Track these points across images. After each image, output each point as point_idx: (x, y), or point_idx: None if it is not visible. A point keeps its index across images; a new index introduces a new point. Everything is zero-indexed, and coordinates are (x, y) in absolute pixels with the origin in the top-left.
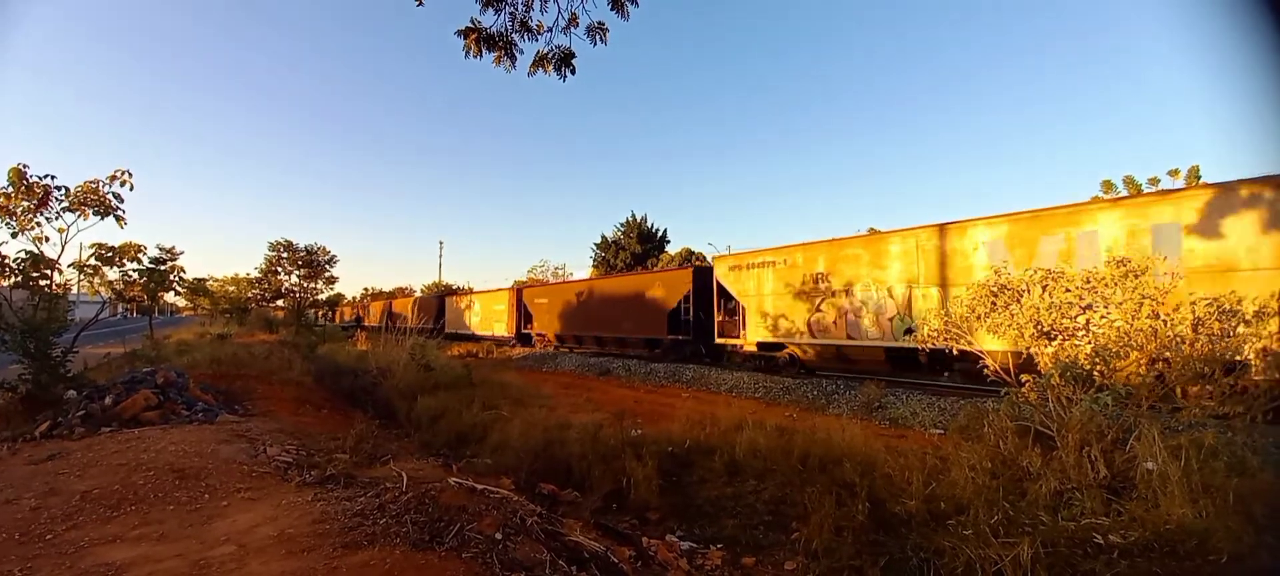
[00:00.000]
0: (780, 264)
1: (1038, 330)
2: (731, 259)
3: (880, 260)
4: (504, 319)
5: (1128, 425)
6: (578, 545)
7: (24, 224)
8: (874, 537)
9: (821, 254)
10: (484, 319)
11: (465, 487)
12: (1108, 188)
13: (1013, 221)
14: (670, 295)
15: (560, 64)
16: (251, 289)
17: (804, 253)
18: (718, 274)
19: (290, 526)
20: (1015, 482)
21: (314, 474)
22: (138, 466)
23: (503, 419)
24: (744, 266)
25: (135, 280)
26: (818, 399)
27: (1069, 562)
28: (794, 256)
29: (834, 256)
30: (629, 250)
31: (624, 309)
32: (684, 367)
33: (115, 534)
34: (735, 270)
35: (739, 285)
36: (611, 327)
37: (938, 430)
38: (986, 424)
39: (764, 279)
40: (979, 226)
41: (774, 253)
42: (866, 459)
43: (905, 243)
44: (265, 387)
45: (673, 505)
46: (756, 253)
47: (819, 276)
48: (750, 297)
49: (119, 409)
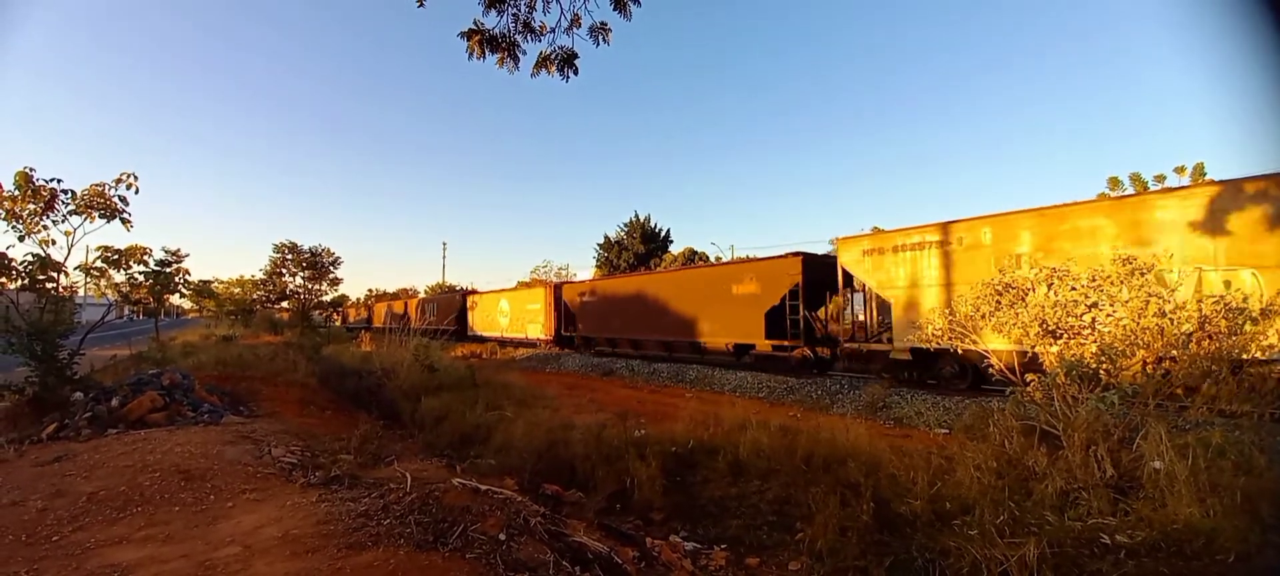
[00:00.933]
0: (957, 243)
1: (1043, 328)
2: (867, 240)
3: (1139, 232)
4: (539, 320)
5: (1134, 424)
6: (581, 546)
7: (31, 227)
8: (879, 538)
9: (1026, 227)
10: (514, 320)
11: (469, 488)
12: (1114, 184)
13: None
14: (768, 291)
15: (563, 65)
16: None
17: (995, 227)
18: (846, 261)
19: (295, 527)
20: (1021, 482)
21: (319, 475)
22: (144, 468)
23: (506, 420)
24: (888, 250)
25: (141, 282)
26: (821, 399)
27: (1075, 563)
28: (976, 233)
29: (1048, 231)
30: (632, 250)
31: (700, 309)
32: (687, 368)
33: (121, 535)
34: (873, 255)
35: (881, 275)
36: (683, 331)
37: (943, 429)
38: (992, 423)
39: (924, 265)
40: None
41: (939, 229)
42: (871, 459)
43: (1188, 206)
44: (270, 389)
45: (677, 505)
46: (909, 230)
47: (1020, 260)
48: (897, 290)
49: (125, 410)
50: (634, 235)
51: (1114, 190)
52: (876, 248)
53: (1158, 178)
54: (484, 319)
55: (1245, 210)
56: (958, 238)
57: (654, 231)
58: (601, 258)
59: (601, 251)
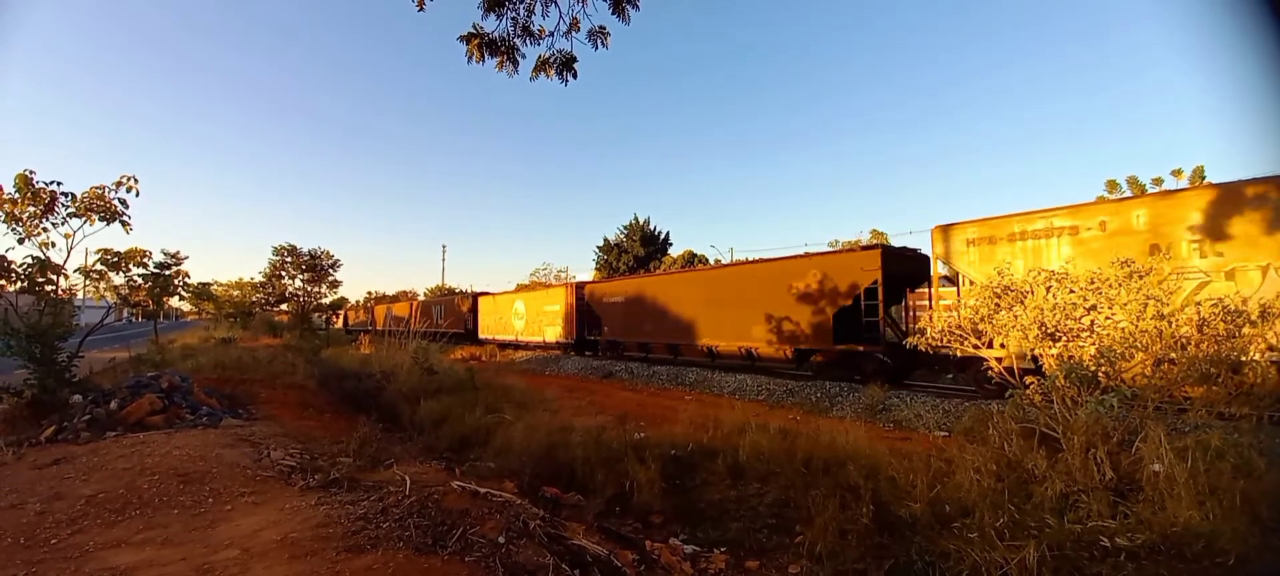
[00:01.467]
0: (1088, 230)
1: (1042, 331)
2: (973, 227)
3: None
4: (558, 322)
5: (1133, 426)
6: (581, 548)
7: (30, 230)
8: (878, 541)
9: (1190, 210)
10: (530, 323)
11: (468, 491)
12: (1112, 187)
13: None
14: (836, 288)
15: (562, 68)
16: (256, 293)
17: (1149, 210)
18: (943, 252)
19: (294, 530)
20: (1021, 485)
21: (317, 478)
22: (142, 471)
23: (506, 422)
24: (1003, 238)
25: (140, 285)
26: (821, 401)
27: (1075, 565)
28: (1125, 216)
29: (1216, 214)
30: (631, 253)
31: (750, 311)
32: (686, 370)
33: (120, 538)
34: (981, 244)
35: (989, 267)
36: (729, 335)
37: (942, 432)
38: (991, 426)
39: (1051, 256)
40: None
41: (1071, 212)
42: (870, 461)
43: None
44: (269, 392)
45: (676, 508)
46: (1031, 214)
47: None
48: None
49: (124, 413)
50: (633, 237)
51: (1112, 193)
52: (986, 236)
53: (1156, 181)
54: (497, 321)
55: None
56: (1099, 221)
57: (653, 234)
58: (600, 260)
59: (600, 254)
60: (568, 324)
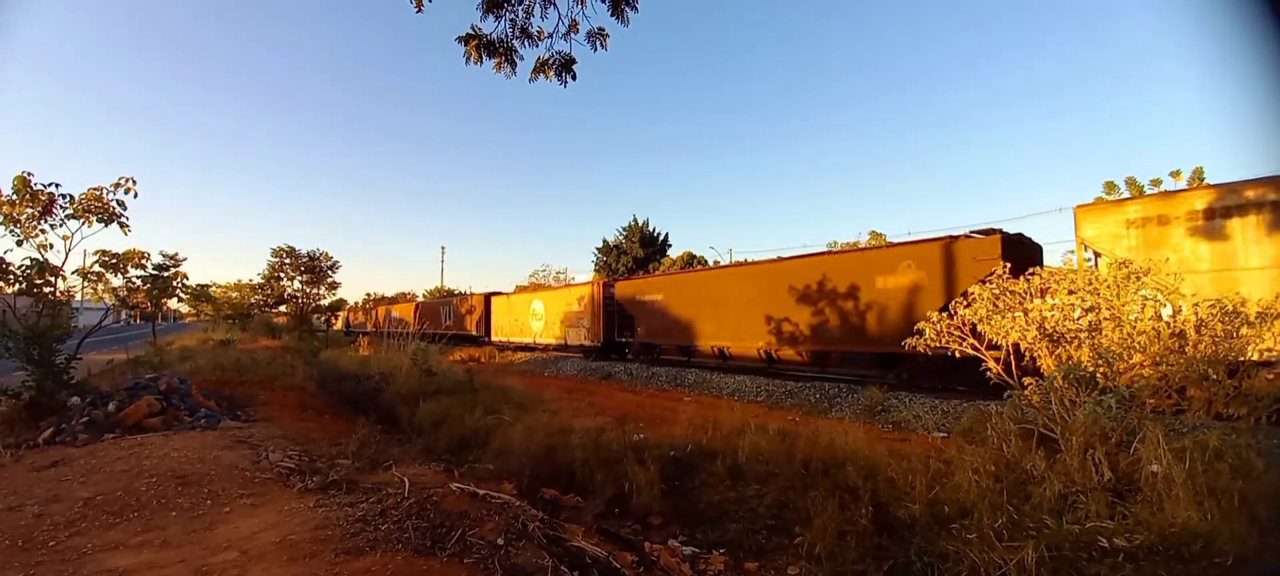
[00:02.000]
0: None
1: (1041, 332)
2: (1134, 206)
3: None
4: (584, 323)
5: (1132, 427)
6: (580, 550)
7: (29, 231)
8: (877, 541)
9: None
10: (549, 324)
11: (467, 493)
12: (1110, 189)
13: None
14: (938, 281)
15: (561, 70)
16: (254, 295)
17: None
18: (1093, 236)
19: (292, 532)
20: (1019, 486)
21: (316, 480)
22: (140, 473)
23: (505, 424)
24: (1175, 219)
25: (139, 287)
26: (820, 403)
27: (1074, 566)
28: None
29: None
30: (631, 254)
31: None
32: (685, 372)
33: (118, 540)
34: (1146, 226)
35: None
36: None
37: (941, 433)
38: (990, 427)
39: (1244, 241)
40: None
41: (1277, 186)
42: (869, 462)
43: None
44: (268, 393)
45: (675, 509)
46: (1251, 184)
47: None
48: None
49: (122, 415)
50: (632, 239)
51: (1110, 194)
52: (1154, 215)
53: (1154, 182)
54: (512, 323)
55: None
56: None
57: (652, 235)
58: (599, 262)
59: (600, 255)
60: (594, 324)
